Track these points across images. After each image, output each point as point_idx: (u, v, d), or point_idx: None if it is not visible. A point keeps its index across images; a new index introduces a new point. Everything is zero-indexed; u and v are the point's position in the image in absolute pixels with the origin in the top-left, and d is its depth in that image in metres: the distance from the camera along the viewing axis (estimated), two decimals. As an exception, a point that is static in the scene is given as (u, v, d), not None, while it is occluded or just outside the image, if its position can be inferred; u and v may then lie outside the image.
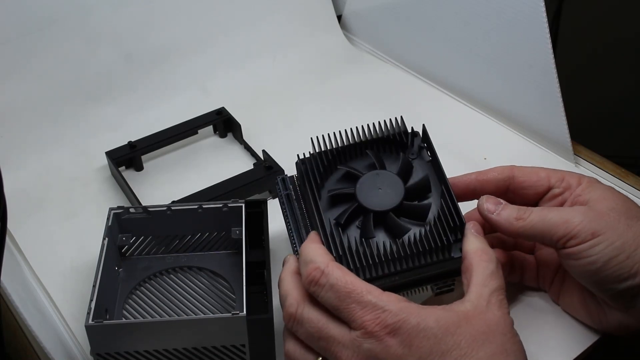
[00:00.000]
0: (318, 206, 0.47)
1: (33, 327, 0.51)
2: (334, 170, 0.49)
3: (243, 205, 0.53)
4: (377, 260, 0.44)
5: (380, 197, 0.47)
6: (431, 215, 0.47)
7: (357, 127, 0.50)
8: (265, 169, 0.62)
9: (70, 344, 0.51)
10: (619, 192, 0.47)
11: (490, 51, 0.70)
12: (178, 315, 0.51)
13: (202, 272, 0.55)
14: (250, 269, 0.49)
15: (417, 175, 0.49)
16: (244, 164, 0.67)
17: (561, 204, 0.48)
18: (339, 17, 0.87)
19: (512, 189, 0.49)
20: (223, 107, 0.71)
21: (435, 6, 0.74)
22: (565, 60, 0.70)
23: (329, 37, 0.85)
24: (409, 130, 0.50)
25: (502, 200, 0.47)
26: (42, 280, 0.56)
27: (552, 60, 0.62)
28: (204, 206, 0.54)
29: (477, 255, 0.43)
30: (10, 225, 0.51)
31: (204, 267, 0.55)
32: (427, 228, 0.45)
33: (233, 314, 0.45)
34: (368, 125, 0.50)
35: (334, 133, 0.50)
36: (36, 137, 0.68)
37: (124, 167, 0.67)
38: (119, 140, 0.67)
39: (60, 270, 0.56)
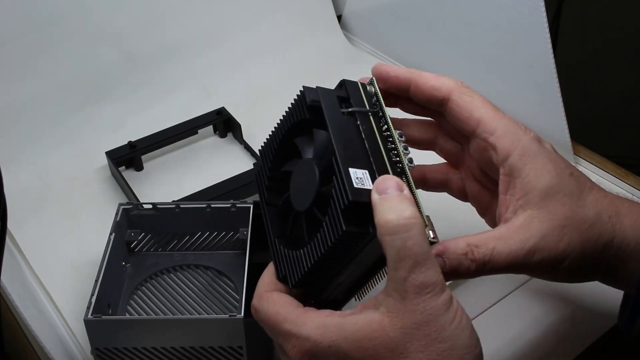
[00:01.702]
0: (267, 225, 0.45)
1: (33, 327, 0.51)
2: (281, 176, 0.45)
3: (251, 206, 0.53)
4: (305, 271, 0.39)
5: (303, 191, 0.41)
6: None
7: (280, 118, 0.46)
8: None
9: (70, 343, 0.51)
10: (556, 159, 0.43)
11: (490, 51, 0.70)
12: (181, 314, 0.52)
13: (208, 272, 0.55)
14: (253, 271, 0.49)
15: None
16: (244, 164, 0.67)
17: (491, 165, 0.43)
18: (339, 17, 0.87)
19: (446, 109, 0.45)
20: (223, 107, 0.71)
21: (435, 6, 0.74)
22: (565, 60, 0.70)
23: (329, 37, 0.85)
24: (314, 96, 0.43)
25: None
26: (42, 280, 0.56)
27: (552, 60, 0.62)
28: (212, 205, 0.54)
29: (380, 228, 0.36)
30: (10, 225, 0.50)
31: (211, 267, 0.55)
32: (327, 218, 0.37)
33: (230, 315, 0.45)
34: (286, 112, 0.46)
35: (269, 135, 0.46)
36: (36, 137, 0.68)
37: (124, 167, 0.67)
38: (119, 140, 0.67)
39: (60, 270, 0.56)
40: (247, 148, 0.69)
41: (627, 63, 1.15)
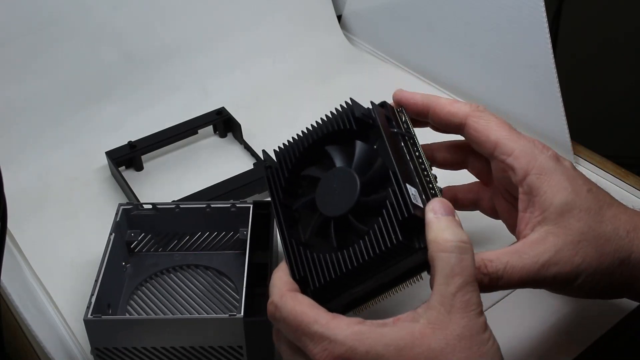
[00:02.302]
0: (282, 226, 0.44)
1: (33, 327, 0.51)
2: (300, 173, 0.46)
3: (251, 206, 0.53)
4: (333, 277, 0.40)
5: (338, 199, 0.42)
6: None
7: (312, 125, 0.46)
8: (266, 169, 0.62)
9: (70, 343, 0.51)
10: (574, 176, 0.43)
11: (491, 51, 0.70)
12: (181, 313, 0.52)
13: (208, 272, 0.55)
14: (253, 271, 0.49)
15: (373, 165, 0.43)
16: (244, 164, 0.67)
17: (511, 184, 0.45)
18: (339, 17, 0.87)
19: (464, 134, 0.46)
20: (223, 107, 0.71)
21: (435, 6, 0.74)
22: (565, 60, 0.70)
23: (329, 37, 0.85)
24: (364, 110, 0.45)
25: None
26: (42, 280, 0.56)
27: (552, 60, 0.62)
28: (212, 205, 0.54)
29: (436, 245, 0.38)
30: (10, 225, 0.50)
31: (211, 267, 0.55)
32: (376, 227, 0.39)
33: (230, 315, 0.45)
34: (322, 118, 0.46)
35: (292, 138, 0.47)
36: (36, 137, 0.68)
37: (124, 167, 0.67)
38: (119, 140, 0.67)
39: (60, 270, 0.56)
40: (247, 148, 0.69)
41: (627, 63, 1.15)
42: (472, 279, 0.38)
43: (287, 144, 0.47)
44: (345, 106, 0.45)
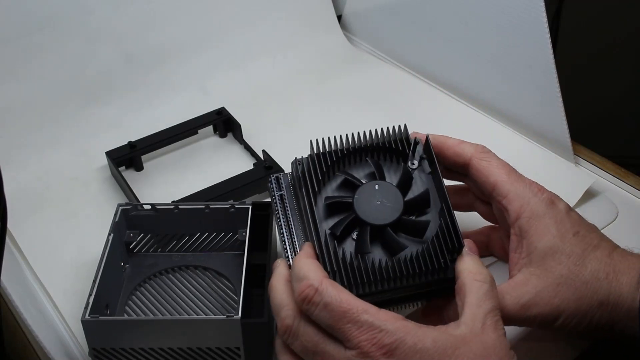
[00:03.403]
0: (314, 214, 0.45)
1: (33, 327, 0.51)
2: (331, 176, 0.48)
3: (250, 207, 0.53)
4: (371, 278, 0.43)
5: (379, 210, 0.45)
6: (429, 233, 0.45)
7: (358, 132, 0.49)
8: (265, 169, 0.62)
9: (70, 343, 0.51)
10: (563, 220, 0.46)
11: (490, 51, 0.70)
12: (180, 314, 0.51)
13: (207, 272, 0.55)
14: (251, 272, 0.49)
15: (416, 189, 0.47)
16: (244, 164, 0.67)
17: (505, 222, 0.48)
18: (339, 17, 0.87)
19: (468, 174, 0.49)
20: (223, 107, 0.71)
21: (435, 6, 0.74)
22: (565, 60, 0.70)
23: (329, 37, 0.85)
24: (411, 139, 0.49)
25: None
26: (42, 280, 0.56)
27: (552, 60, 0.62)
28: (211, 206, 0.54)
29: (471, 275, 0.42)
30: (10, 225, 0.51)
31: (210, 267, 0.55)
32: (425, 247, 0.44)
33: (228, 316, 0.45)
34: (370, 131, 0.49)
35: (334, 137, 0.48)
36: (36, 137, 0.68)
37: (124, 167, 0.67)
38: (119, 140, 0.67)
39: (60, 270, 0.56)
40: (247, 148, 0.69)
41: (627, 63, 1.15)
42: (498, 306, 0.41)
43: (323, 145, 0.48)
44: (402, 129, 0.49)
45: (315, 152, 0.48)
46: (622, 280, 0.44)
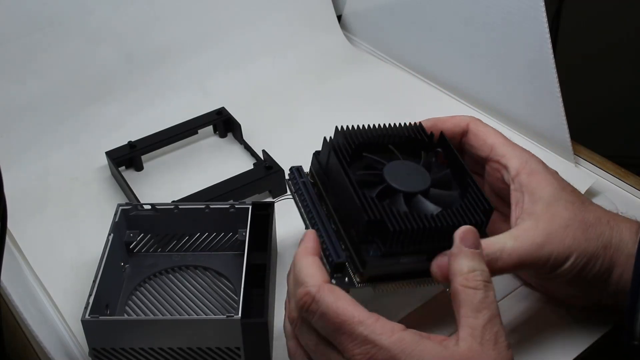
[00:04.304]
0: (350, 177, 0.45)
1: (33, 327, 0.51)
2: (355, 160, 0.48)
3: (250, 207, 0.53)
4: (420, 226, 0.43)
5: (408, 181, 0.46)
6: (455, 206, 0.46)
7: (376, 124, 0.49)
8: (265, 169, 0.62)
9: (70, 343, 0.51)
10: (558, 177, 0.48)
11: (490, 51, 0.70)
12: (180, 314, 0.51)
13: (207, 272, 0.55)
14: (251, 272, 0.49)
15: (439, 171, 0.48)
16: (244, 164, 0.67)
17: (502, 183, 0.49)
18: (339, 17, 0.87)
19: (464, 141, 0.51)
20: (223, 107, 0.71)
21: (435, 6, 0.74)
22: (565, 60, 0.70)
23: (329, 37, 0.85)
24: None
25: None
26: (42, 280, 0.56)
27: (552, 61, 0.62)
28: (211, 206, 0.54)
29: (464, 280, 0.40)
30: (10, 225, 0.50)
31: (210, 267, 0.55)
32: (457, 207, 0.45)
33: (227, 316, 0.45)
34: (389, 124, 0.49)
35: (354, 125, 0.49)
36: (36, 137, 0.68)
37: (124, 167, 0.67)
38: (119, 140, 0.67)
39: (60, 270, 0.56)
40: (247, 148, 0.69)
41: (627, 63, 1.15)
42: (497, 312, 0.40)
43: (355, 128, 0.49)
44: (420, 124, 0.51)
45: (341, 133, 0.48)
46: (623, 227, 0.46)
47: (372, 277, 0.44)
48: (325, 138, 0.49)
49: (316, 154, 0.50)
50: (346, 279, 0.44)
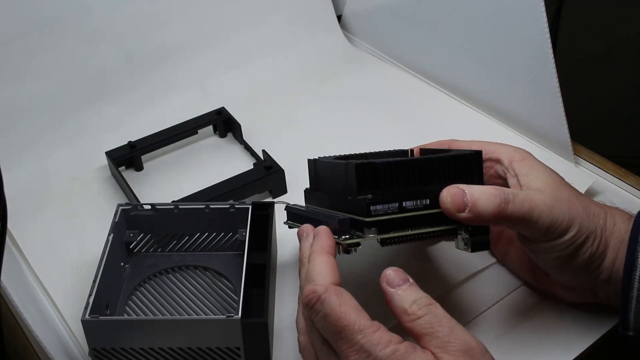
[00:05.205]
0: (334, 158, 0.48)
1: (33, 327, 0.51)
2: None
3: (250, 207, 0.53)
4: (400, 160, 0.45)
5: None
6: None
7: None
8: (265, 169, 0.62)
9: (70, 343, 0.51)
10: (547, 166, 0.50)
11: (490, 51, 0.70)
12: (180, 314, 0.51)
13: (207, 272, 0.55)
14: (251, 272, 0.49)
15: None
16: (244, 164, 0.67)
17: (498, 178, 0.51)
18: (339, 17, 0.87)
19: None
20: (223, 107, 0.71)
21: (435, 6, 0.74)
22: (565, 60, 0.70)
23: (329, 37, 0.85)
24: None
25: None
26: (42, 280, 0.56)
27: (552, 60, 0.62)
28: (210, 206, 0.54)
29: (409, 316, 0.40)
30: (11, 225, 0.50)
31: (210, 267, 0.55)
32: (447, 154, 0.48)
33: (227, 316, 0.45)
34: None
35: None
36: (36, 137, 0.68)
37: (124, 167, 0.67)
38: (119, 140, 0.67)
39: (60, 270, 0.56)
40: (247, 148, 0.69)
41: (627, 63, 1.15)
42: (452, 321, 0.40)
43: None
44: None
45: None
46: (616, 213, 0.48)
47: (382, 228, 0.44)
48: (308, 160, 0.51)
49: (306, 190, 0.53)
50: (356, 233, 0.44)
